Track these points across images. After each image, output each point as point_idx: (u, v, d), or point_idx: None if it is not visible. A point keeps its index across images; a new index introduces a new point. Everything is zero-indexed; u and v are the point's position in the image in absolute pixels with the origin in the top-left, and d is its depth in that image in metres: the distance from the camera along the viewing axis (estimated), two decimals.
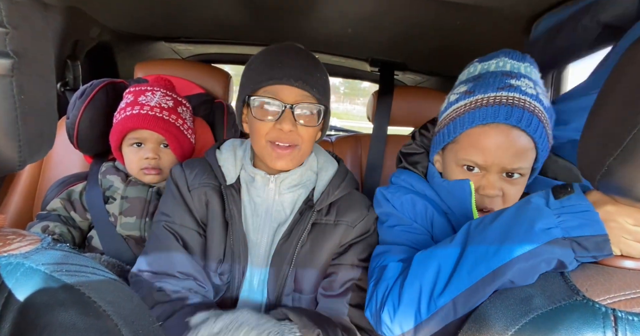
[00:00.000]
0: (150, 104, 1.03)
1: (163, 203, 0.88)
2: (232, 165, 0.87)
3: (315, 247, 0.84)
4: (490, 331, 0.45)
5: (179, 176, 0.87)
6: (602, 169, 0.43)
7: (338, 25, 1.36)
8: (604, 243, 0.47)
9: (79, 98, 1.12)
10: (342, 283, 0.83)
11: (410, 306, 0.60)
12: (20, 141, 0.36)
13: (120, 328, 0.34)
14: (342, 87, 18.33)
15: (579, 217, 0.49)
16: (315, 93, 0.79)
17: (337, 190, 0.86)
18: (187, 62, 1.77)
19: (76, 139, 1.11)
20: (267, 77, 0.78)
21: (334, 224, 0.85)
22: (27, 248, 0.37)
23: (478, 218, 0.63)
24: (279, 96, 0.78)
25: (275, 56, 0.81)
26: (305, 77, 0.78)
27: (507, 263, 0.51)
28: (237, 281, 0.84)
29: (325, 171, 0.90)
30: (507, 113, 0.69)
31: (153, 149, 1.03)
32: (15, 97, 0.35)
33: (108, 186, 1.05)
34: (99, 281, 0.37)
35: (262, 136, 0.80)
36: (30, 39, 0.36)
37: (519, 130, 0.69)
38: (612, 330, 0.39)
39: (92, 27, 1.45)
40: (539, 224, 0.51)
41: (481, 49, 1.38)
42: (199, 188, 0.85)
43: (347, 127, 3.68)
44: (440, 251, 0.62)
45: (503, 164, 0.71)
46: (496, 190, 0.72)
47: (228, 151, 0.90)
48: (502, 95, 0.71)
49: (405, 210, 0.82)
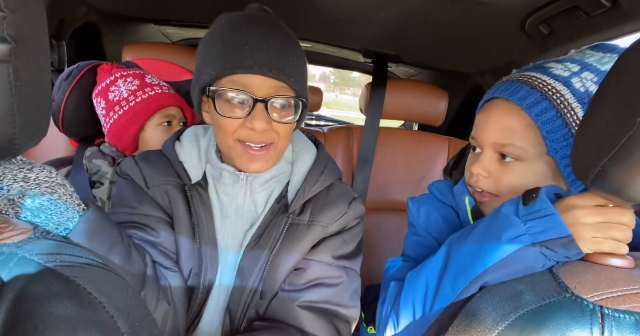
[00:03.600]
0: (159, 84, 1.05)
1: (120, 198, 0.73)
2: (197, 159, 0.74)
3: (286, 251, 0.72)
4: (480, 326, 0.46)
5: (133, 171, 0.72)
6: (595, 170, 0.44)
7: (333, 15, 1.34)
8: (570, 243, 0.49)
9: (65, 80, 1.09)
10: (308, 280, 0.72)
11: (407, 323, 0.62)
12: (16, 128, 0.34)
13: (117, 320, 0.34)
14: (332, 76, 18.24)
15: (543, 222, 0.51)
16: (293, 84, 0.66)
17: (314, 185, 0.74)
18: (177, 46, 1.73)
19: (61, 122, 1.08)
20: (233, 64, 0.62)
21: (307, 225, 0.73)
22: (20, 237, 0.36)
23: (459, 231, 0.63)
24: (248, 88, 0.63)
25: (242, 32, 0.64)
26: (281, 64, 0.63)
27: (480, 273, 0.53)
28: (199, 298, 0.71)
29: (302, 161, 0.77)
30: (505, 87, 0.65)
31: (177, 126, 1.06)
32: (12, 83, 0.33)
33: (95, 171, 1.03)
34: (94, 272, 0.36)
35: (229, 134, 0.66)
36: (28, 24, 0.35)
37: (513, 104, 0.63)
38: (599, 326, 0.40)
39: (78, 5, 1.40)
40: (508, 234, 0.53)
41: (476, 44, 1.39)
42: (159, 185, 0.72)
43: (337, 117, 3.69)
44: (426, 267, 0.63)
45: (489, 139, 0.66)
46: (479, 168, 0.67)
47: (190, 143, 0.75)
48: (520, 74, 0.66)
49: (421, 221, 0.79)
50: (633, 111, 0.39)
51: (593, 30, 0.99)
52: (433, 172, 1.52)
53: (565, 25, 1.03)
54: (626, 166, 0.40)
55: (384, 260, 1.51)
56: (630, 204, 0.47)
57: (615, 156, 0.41)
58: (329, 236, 0.76)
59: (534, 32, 1.11)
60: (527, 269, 0.51)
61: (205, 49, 0.68)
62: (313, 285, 0.73)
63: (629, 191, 0.42)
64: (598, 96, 0.47)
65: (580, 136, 0.49)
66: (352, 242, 0.78)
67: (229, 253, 0.73)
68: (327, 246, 0.75)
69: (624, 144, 0.40)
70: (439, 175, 1.52)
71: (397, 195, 1.51)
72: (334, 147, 1.51)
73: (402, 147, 1.54)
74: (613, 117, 0.42)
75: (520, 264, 0.51)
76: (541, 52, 1.25)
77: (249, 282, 0.71)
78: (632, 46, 0.44)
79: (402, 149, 1.53)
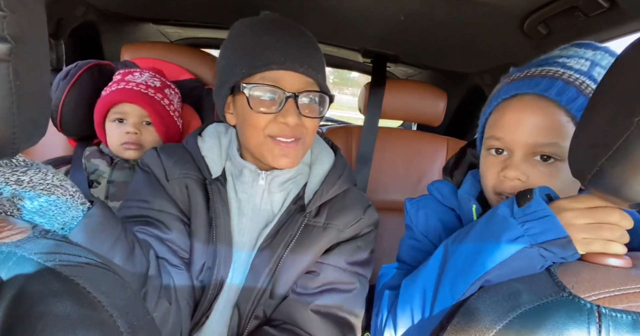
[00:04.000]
0: (136, 81, 1.03)
1: (135, 190, 0.74)
2: (217, 155, 0.75)
3: (299, 252, 0.73)
4: (478, 325, 0.46)
5: (153, 162, 0.73)
6: (593, 169, 0.44)
7: (332, 15, 1.34)
8: (568, 244, 0.49)
9: (63, 79, 1.09)
10: (321, 283, 0.73)
11: (406, 330, 0.61)
12: (15, 127, 0.34)
13: (116, 320, 0.34)
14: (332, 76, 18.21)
15: (541, 223, 0.51)
16: (320, 79, 0.69)
17: (332, 188, 0.75)
18: (176, 46, 1.73)
19: (60, 121, 1.08)
20: (264, 61, 0.65)
21: (322, 228, 0.74)
22: (18, 236, 0.36)
23: (454, 234, 0.62)
24: (280, 83, 0.66)
25: (268, 32, 0.67)
26: (309, 60, 0.67)
27: (481, 276, 0.53)
28: (210, 294, 0.71)
29: (320, 164, 0.78)
30: (534, 83, 0.61)
31: (134, 124, 1.01)
32: (12, 82, 0.33)
33: (93, 170, 1.03)
34: (93, 271, 0.36)
35: (261, 130, 0.68)
36: (28, 24, 0.35)
37: (548, 100, 0.60)
38: (596, 325, 0.40)
39: (77, 5, 1.39)
40: (506, 236, 0.53)
41: (474, 44, 1.39)
42: (179, 178, 0.72)
43: (336, 117, 3.69)
44: (422, 272, 0.62)
45: (524, 139, 0.61)
46: (517, 172, 0.61)
47: (212, 139, 0.77)
48: (539, 69, 0.63)
49: (419, 224, 0.77)
50: (631, 111, 0.39)
51: (592, 31, 0.99)
52: (432, 172, 1.52)
53: (563, 26, 1.03)
54: (624, 166, 0.40)
55: (383, 260, 1.51)
56: (628, 204, 0.47)
57: (613, 156, 0.41)
58: (343, 241, 0.76)
59: (532, 33, 1.11)
60: (526, 270, 0.51)
61: (230, 51, 0.70)
62: (326, 289, 0.73)
63: (627, 191, 0.42)
64: (596, 96, 0.47)
65: (578, 136, 0.49)
66: (365, 249, 0.78)
67: (242, 251, 0.74)
68: (341, 251, 0.75)
69: (621, 144, 0.40)
70: (438, 175, 1.52)
71: (396, 195, 1.51)
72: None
73: (401, 147, 1.54)
74: (611, 117, 0.42)
75: (519, 265, 0.51)
76: (540, 53, 1.25)
77: (260, 281, 0.72)
78: (630, 47, 0.44)
79: (401, 149, 1.54)
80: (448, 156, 1.53)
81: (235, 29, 0.72)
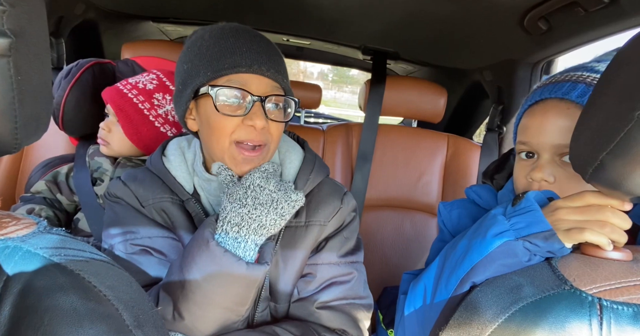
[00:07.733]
0: (129, 81, 1.01)
1: (114, 225, 0.70)
2: (186, 173, 0.73)
3: (287, 256, 0.73)
4: (480, 318, 0.46)
5: (123, 192, 0.72)
6: (595, 163, 0.44)
7: (332, 11, 1.34)
8: (552, 236, 0.51)
9: (64, 78, 1.09)
10: (320, 282, 0.74)
11: (412, 328, 0.63)
12: (17, 122, 0.34)
13: (121, 313, 0.34)
14: (331, 74, 18.20)
15: (525, 217, 0.54)
16: (286, 84, 0.69)
17: (305, 185, 0.74)
18: (176, 44, 1.73)
19: (61, 120, 1.08)
20: (231, 64, 0.64)
21: (304, 227, 0.74)
22: (24, 231, 0.36)
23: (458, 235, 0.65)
24: (247, 86, 0.65)
25: (234, 36, 0.66)
26: (276, 65, 0.67)
27: (468, 271, 0.55)
28: None
29: (290, 161, 0.76)
30: (557, 88, 0.63)
31: (109, 121, 1.01)
32: (13, 78, 0.33)
33: (96, 168, 1.03)
34: (98, 265, 0.36)
35: (227, 135, 0.66)
36: (28, 18, 0.35)
37: (570, 103, 0.61)
38: (597, 318, 0.40)
39: (77, 3, 1.39)
40: (493, 230, 0.55)
41: (474, 40, 1.39)
42: (153, 203, 0.71)
43: (336, 115, 3.69)
44: (425, 273, 0.65)
45: (550, 141, 0.62)
46: (543, 174, 0.63)
47: (177, 157, 0.74)
48: (564, 74, 0.64)
49: (451, 224, 0.78)
50: (632, 105, 0.39)
51: (592, 27, 0.99)
52: (432, 168, 1.53)
53: (564, 22, 1.03)
54: (625, 159, 0.41)
55: (385, 257, 1.52)
56: (629, 197, 0.48)
57: (614, 150, 0.41)
58: (330, 237, 0.76)
59: (532, 28, 1.11)
60: (514, 263, 0.52)
61: (194, 55, 0.68)
62: (326, 285, 0.74)
63: (628, 185, 0.42)
64: (597, 90, 0.48)
65: (579, 130, 0.50)
66: (352, 237, 0.79)
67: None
68: (331, 248, 0.75)
69: (622, 138, 0.40)
70: (438, 171, 1.53)
71: (396, 192, 1.52)
72: (333, 144, 1.51)
73: (402, 144, 1.54)
74: (612, 111, 0.43)
75: (505, 258, 0.53)
76: (540, 49, 1.25)
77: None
78: (630, 41, 0.44)
79: (402, 145, 1.54)
80: (448, 152, 1.54)
81: (198, 35, 0.70)
